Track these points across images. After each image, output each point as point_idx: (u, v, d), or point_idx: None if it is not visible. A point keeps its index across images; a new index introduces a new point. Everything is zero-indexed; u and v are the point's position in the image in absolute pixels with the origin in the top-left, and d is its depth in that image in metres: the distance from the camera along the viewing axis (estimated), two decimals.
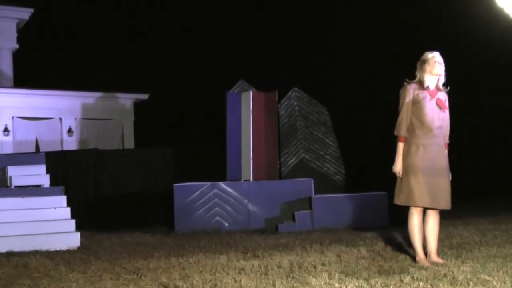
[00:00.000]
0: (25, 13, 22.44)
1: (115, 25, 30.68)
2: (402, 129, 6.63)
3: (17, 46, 22.64)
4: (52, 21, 29.10)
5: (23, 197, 10.34)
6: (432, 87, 6.63)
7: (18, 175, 11.54)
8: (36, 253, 8.69)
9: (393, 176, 6.74)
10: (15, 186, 11.35)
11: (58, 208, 10.31)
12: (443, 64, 6.64)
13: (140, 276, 6.36)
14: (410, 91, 6.63)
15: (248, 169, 13.08)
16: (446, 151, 6.71)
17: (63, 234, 9.64)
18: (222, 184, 12.25)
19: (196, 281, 5.88)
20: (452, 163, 6.73)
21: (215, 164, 14.88)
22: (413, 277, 5.58)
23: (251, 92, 13.45)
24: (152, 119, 27.01)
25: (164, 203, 13.50)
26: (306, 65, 26.24)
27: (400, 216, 6.68)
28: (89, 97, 21.46)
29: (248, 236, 10.34)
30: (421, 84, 6.63)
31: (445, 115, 6.69)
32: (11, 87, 21.49)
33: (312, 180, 12.58)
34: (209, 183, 12.19)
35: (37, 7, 22.90)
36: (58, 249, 9.19)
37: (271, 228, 11.68)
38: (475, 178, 19.72)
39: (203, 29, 30.41)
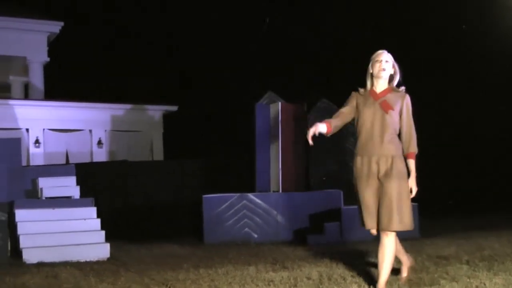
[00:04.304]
0: (55, 27, 22.73)
1: (144, 38, 30.96)
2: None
3: (48, 59, 22.92)
4: (81, 34, 29.43)
5: (53, 208, 10.41)
6: (378, 89, 5.77)
7: (49, 186, 11.63)
8: (66, 264, 8.75)
9: (423, 185, 6.21)
10: (46, 198, 11.44)
11: (88, 219, 10.39)
12: (389, 62, 5.74)
13: (169, 287, 6.37)
14: (353, 97, 5.88)
15: (276, 181, 13.06)
16: (401, 161, 5.70)
17: (93, 245, 9.69)
18: (251, 196, 12.23)
19: None
20: (478, 171, 6.51)
21: (244, 175, 14.87)
22: None
23: (279, 103, 13.44)
24: (181, 130, 27.14)
25: (193, 214, 13.52)
26: (334, 75, 26.17)
27: (431, 228, 6.57)
28: (119, 109, 21.67)
29: (277, 248, 10.31)
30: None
31: (394, 119, 5.69)
32: (42, 100, 21.76)
33: (342, 192, 12.52)
34: (238, 194, 12.19)
35: (67, 21, 23.19)
36: (88, 260, 9.25)
37: (300, 240, 11.63)
38: (504, 187, 19.38)
39: (230, 40, 30.53)
